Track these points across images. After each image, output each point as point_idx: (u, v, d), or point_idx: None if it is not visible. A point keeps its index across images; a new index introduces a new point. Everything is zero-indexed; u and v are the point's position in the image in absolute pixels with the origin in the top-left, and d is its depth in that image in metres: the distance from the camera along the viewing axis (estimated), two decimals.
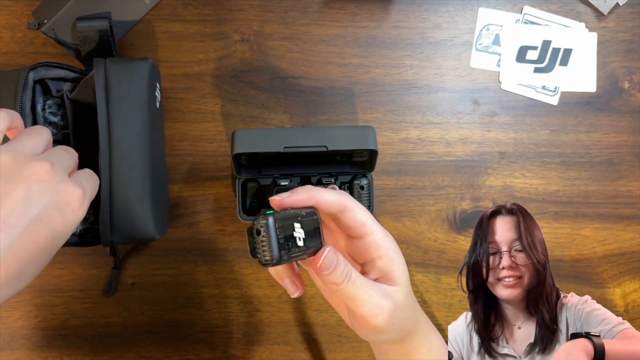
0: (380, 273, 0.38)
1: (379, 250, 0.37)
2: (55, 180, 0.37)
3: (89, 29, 0.51)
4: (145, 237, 0.48)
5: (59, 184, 0.37)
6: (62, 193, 0.38)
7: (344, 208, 0.36)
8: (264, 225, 0.32)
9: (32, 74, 0.48)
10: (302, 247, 0.33)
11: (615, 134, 0.58)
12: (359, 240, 0.37)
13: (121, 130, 0.47)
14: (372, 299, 0.35)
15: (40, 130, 0.41)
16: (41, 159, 0.38)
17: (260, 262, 0.32)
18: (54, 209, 0.37)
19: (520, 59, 0.58)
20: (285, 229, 0.32)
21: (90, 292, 0.54)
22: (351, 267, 0.35)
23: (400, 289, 0.37)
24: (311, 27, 0.58)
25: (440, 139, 0.57)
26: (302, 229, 0.34)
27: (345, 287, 0.34)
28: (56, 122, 0.50)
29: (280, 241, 0.31)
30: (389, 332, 0.37)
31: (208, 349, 0.55)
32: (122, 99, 0.47)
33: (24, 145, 0.38)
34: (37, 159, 0.37)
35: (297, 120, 0.57)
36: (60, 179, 0.38)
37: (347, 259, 0.39)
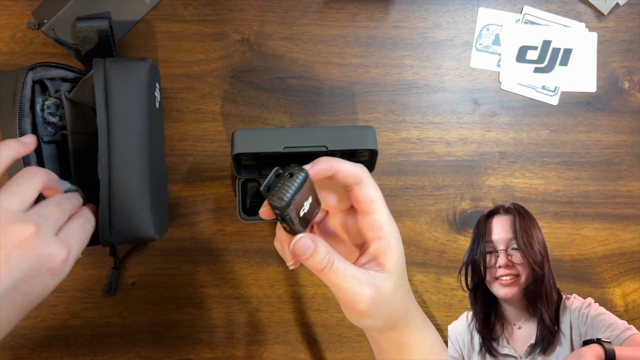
0: (373, 256, 0.38)
1: (380, 231, 0.37)
2: (39, 244, 0.36)
3: (89, 29, 0.51)
4: (144, 237, 0.48)
5: (43, 248, 0.37)
6: (44, 259, 0.37)
7: (359, 180, 0.37)
8: (299, 173, 0.33)
9: (31, 74, 0.48)
10: (298, 218, 0.34)
11: (615, 134, 0.58)
12: (363, 217, 0.38)
13: (120, 131, 0.46)
14: (355, 287, 0.35)
15: (32, 178, 0.39)
16: (27, 219, 0.37)
17: (270, 198, 0.32)
18: (34, 276, 0.37)
19: (520, 59, 0.58)
20: (304, 194, 0.33)
21: (90, 292, 0.54)
22: (335, 255, 0.35)
23: (389, 276, 0.37)
24: (311, 27, 0.58)
25: (440, 139, 0.57)
26: (307, 208, 0.35)
27: (327, 274, 0.35)
28: (55, 122, 0.50)
29: (296, 196, 0.32)
30: (372, 318, 0.37)
31: (208, 349, 0.55)
32: (122, 99, 0.47)
33: (11, 202, 0.37)
34: (22, 219, 0.36)
35: (297, 120, 0.57)
36: (45, 242, 0.37)
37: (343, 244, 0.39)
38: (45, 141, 0.49)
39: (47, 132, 0.50)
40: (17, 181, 0.38)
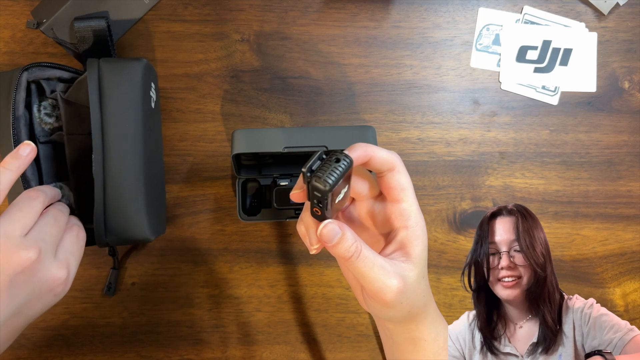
0: (400, 245, 0.37)
1: (408, 220, 0.37)
2: (41, 269, 0.38)
3: (86, 28, 0.51)
4: (139, 238, 0.47)
5: (45, 272, 0.38)
6: (46, 283, 0.38)
7: (393, 167, 0.37)
8: (345, 159, 0.32)
9: (26, 74, 0.48)
10: (332, 204, 0.34)
11: (615, 134, 0.58)
12: (392, 205, 0.38)
13: (114, 131, 0.46)
14: (382, 277, 0.35)
15: (33, 203, 0.40)
16: (28, 245, 0.38)
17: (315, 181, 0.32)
18: (36, 298, 0.38)
19: (520, 59, 0.58)
20: (345, 180, 0.33)
21: (90, 292, 0.54)
22: (362, 244, 0.35)
23: (414, 267, 0.37)
24: (311, 27, 0.58)
25: (440, 139, 0.57)
26: (342, 195, 0.35)
27: (354, 262, 0.35)
28: (51, 122, 0.50)
29: (339, 181, 0.32)
30: (396, 309, 0.37)
31: (208, 349, 0.55)
32: (115, 100, 0.47)
33: (14, 228, 0.38)
34: (24, 245, 0.37)
35: (297, 120, 0.57)
36: (47, 266, 0.38)
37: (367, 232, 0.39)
38: (42, 141, 0.49)
39: (44, 132, 0.50)
40: (18, 206, 0.39)
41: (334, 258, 0.55)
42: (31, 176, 0.47)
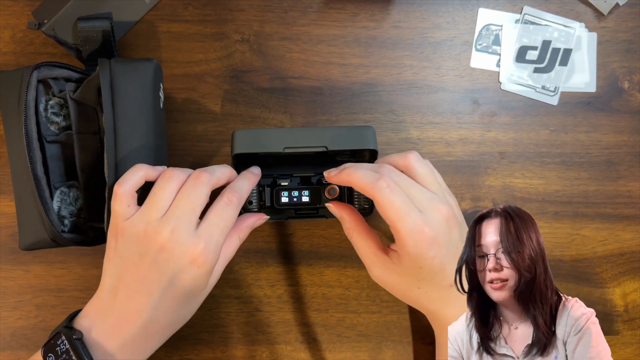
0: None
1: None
2: (178, 245, 0.41)
3: (90, 29, 0.52)
4: None
5: (181, 247, 0.41)
6: (184, 257, 0.41)
7: (372, 194, 0.42)
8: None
9: (36, 73, 0.48)
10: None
11: (615, 134, 0.58)
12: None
13: (127, 131, 0.47)
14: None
15: (164, 184, 0.43)
16: (165, 224, 0.41)
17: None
18: (181, 271, 0.42)
19: (520, 59, 0.58)
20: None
21: (91, 292, 0.54)
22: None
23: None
24: (311, 27, 0.58)
25: (440, 139, 0.57)
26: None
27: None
28: (58, 122, 0.50)
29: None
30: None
31: (208, 349, 0.55)
32: (128, 100, 0.47)
33: (154, 212, 0.42)
34: (161, 226, 0.41)
35: (297, 120, 0.57)
36: (183, 241, 0.41)
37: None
38: (49, 141, 0.50)
39: (51, 131, 0.50)
40: (153, 191, 0.43)
41: (334, 258, 0.55)
42: (41, 175, 0.47)
